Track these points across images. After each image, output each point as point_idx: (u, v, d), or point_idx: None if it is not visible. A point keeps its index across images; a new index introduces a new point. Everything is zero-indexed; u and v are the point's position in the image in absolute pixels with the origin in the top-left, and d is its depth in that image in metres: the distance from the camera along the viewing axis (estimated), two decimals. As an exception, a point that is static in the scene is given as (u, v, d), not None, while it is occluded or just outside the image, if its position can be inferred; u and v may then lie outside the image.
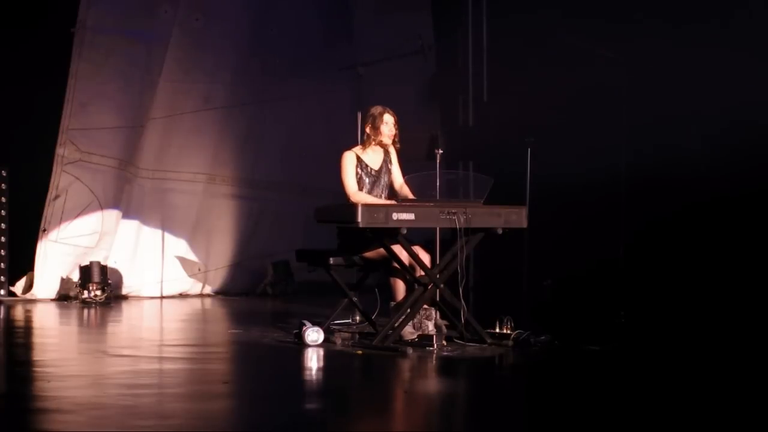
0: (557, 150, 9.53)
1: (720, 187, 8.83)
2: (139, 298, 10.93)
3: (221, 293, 11.40)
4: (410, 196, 7.75)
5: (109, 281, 10.47)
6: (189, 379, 6.66)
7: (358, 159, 7.88)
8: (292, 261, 10.48)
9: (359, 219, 7.18)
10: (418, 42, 10.72)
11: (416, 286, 7.55)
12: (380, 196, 7.89)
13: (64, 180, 10.50)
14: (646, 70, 9.35)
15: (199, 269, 11.33)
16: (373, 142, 7.93)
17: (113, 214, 10.75)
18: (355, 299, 8.11)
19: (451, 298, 7.55)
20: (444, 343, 7.51)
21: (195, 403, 5.82)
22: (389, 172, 7.97)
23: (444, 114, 11.96)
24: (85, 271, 10.36)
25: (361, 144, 8.03)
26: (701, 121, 9.07)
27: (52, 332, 9.03)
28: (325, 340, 7.51)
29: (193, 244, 11.33)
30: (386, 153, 7.99)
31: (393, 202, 7.69)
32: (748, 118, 8.79)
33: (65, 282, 10.51)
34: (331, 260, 7.91)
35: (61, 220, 10.49)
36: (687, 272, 9.14)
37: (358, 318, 8.62)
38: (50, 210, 10.46)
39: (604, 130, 9.40)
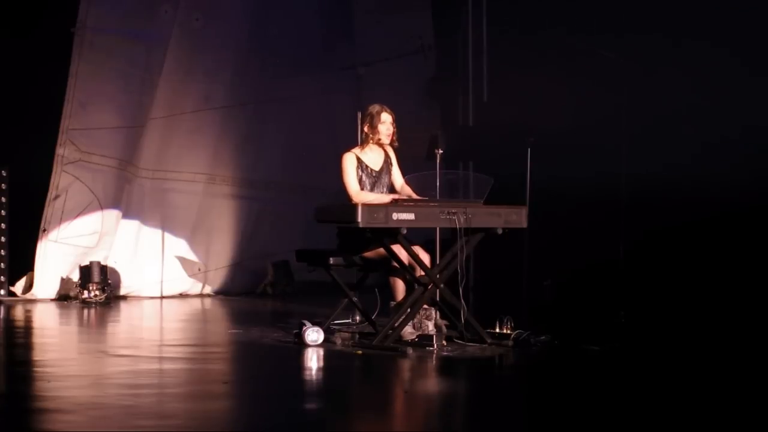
0: (558, 150, 9.53)
1: (719, 190, 8.83)
2: (138, 298, 10.92)
3: (221, 293, 11.39)
4: (414, 195, 7.74)
5: (109, 281, 10.47)
6: (189, 379, 6.66)
7: (358, 160, 7.87)
8: (292, 261, 10.47)
9: (359, 219, 7.18)
10: (418, 42, 10.72)
11: (416, 286, 7.54)
12: (380, 197, 7.88)
13: (64, 180, 10.50)
14: (647, 70, 9.36)
15: (199, 269, 11.32)
16: (372, 141, 7.92)
17: (113, 214, 10.74)
18: (355, 299, 8.11)
19: (451, 298, 7.55)
20: (444, 343, 7.50)
21: (195, 403, 5.82)
22: (389, 173, 7.96)
23: (444, 114, 11.97)
24: (85, 271, 10.35)
25: (360, 144, 8.02)
26: (701, 123, 9.08)
27: (52, 332, 9.03)
28: (325, 340, 7.51)
29: (193, 244, 11.33)
30: (386, 154, 7.98)
31: (397, 195, 7.68)
32: (749, 123, 8.81)
33: (65, 282, 10.51)
34: (331, 260, 7.91)
35: (61, 220, 10.49)
36: (687, 272, 9.14)
37: (358, 318, 8.62)
38: (50, 210, 10.46)
39: (605, 131, 9.40)
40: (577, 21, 9.95)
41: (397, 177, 7.97)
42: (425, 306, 7.60)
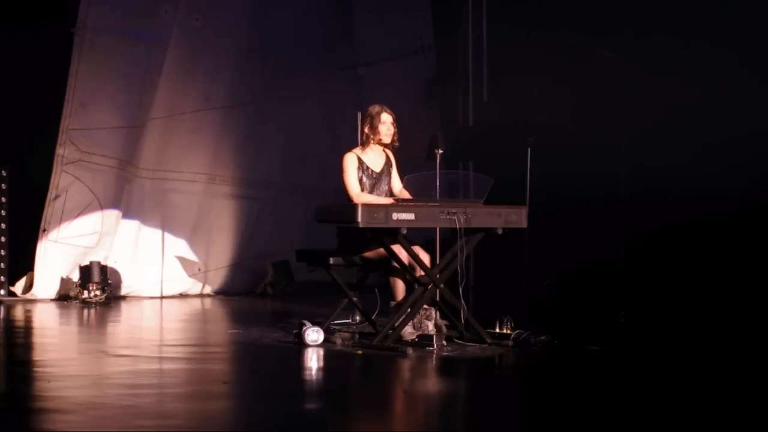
0: (558, 150, 9.53)
1: (719, 190, 8.83)
2: (139, 298, 10.92)
3: (221, 293, 11.39)
4: (410, 200, 7.74)
5: (109, 281, 10.47)
6: (189, 379, 6.66)
7: (359, 160, 7.87)
8: (292, 261, 10.47)
9: (359, 219, 7.18)
10: (418, 42, 10.71)
11: (416, 286, 7.54)
12: (380, 198, 7.88)
13: (64, 180, 10.50)
14: (647, 70, 9.36)
15: (199, 269, 11.32)
16: (373, 142, 7.92)
17: (113, 214, 10.75)
18: (355, 299, 8.11)
19: (451, 298, 7.55)
20: (444, 343, 7.50)
21: (195, 403, 5.82)
22: (389, 175, 7.96)
23: (444, 114, 11.97)
24: (85, 271, 10.35)
25: (360, 145, 8.02)
26: (701, 124, 9.08)
27: (52, 332, 9.03)
28: (325, 340, 7.51)
29: (193, 244, 11.33)
30: (387, 157, 7.98)
31: (394, 200, 7.69)
32: (749, 124, 8.82)
33: (65, 282, 10.51)
34: (331, 260, 7.91)
35: (61, 220, 10.49)
36: (687, 272, 9.14)
37: (358, 318, 8.62)
38: (50, 210, 10.46)
39: (605, 131, 9.40)
40: (578, 21, 9.95)
41: (396, 182, 7.97)
42: (425, 306, 7.60)
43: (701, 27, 9.15)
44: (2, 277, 10.60)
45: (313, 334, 7.46)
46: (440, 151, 8.50)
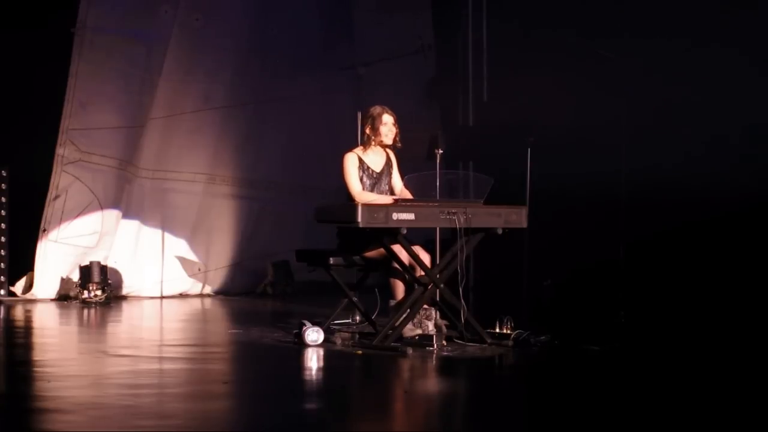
0: (558, 150, 9.53)
1: (720, 190, 8.83)
2: (139, 298, 10.92)
3: (221, 293, 11.39)
4: (412, 200, 7.74)
5: (109, 281, 10.47)
6: (189, 379, 6.66)
7: (360, 160, 7.87)
8: (292, 261, 10.47)
9: (359, 219, 7.18)
10: (418, 42, 10.71)
11: (416, 286, 7.54)
12: (381, 197, 7.88)
13: (64, 180, 10.50)
14: (647, 70, 9.36)
15: (199, 269, 11.32)
16: (374, 143, 7.93)
17: (113, 214, 10.75)
18: (355, 299, 8.11)
19: (451, 298, 7.55)
20: (444, 343, 7.51)
21: (195, 403, 5.82)
22: (390, 175, 7.96)
23: (444, 114, 11.97)
24: (85, 271, 10.35)
25: (362, 145, 8.02)
26: (702, 123, 9.08)
27: (52, 332, 9.03)
28: (325, 340, 7.51)
29: (193, 244, 11.33)
30: (388, 157, 7.98)
31: (397, 198, 7.69)
32: (749, 123, 8.81)
33: (65, 282, 10.51)
34: (331, 260, 7.91)
35: (61, 220, 10.49)
36: (687, 272, 9.14)
37: (358, 318, 8.62)
38: (50, 210, 10.46)
39: (605, 131, 9.40)
40: (577, 21, 9.95)
41: (397, 181, 7.97)
42: (425, 306, 7.60)
43: (701, 26, 9.15)
44: (2, 277, 10.60)
45: (313, 334, 7.46)
46: (440, 151, 8.51)
